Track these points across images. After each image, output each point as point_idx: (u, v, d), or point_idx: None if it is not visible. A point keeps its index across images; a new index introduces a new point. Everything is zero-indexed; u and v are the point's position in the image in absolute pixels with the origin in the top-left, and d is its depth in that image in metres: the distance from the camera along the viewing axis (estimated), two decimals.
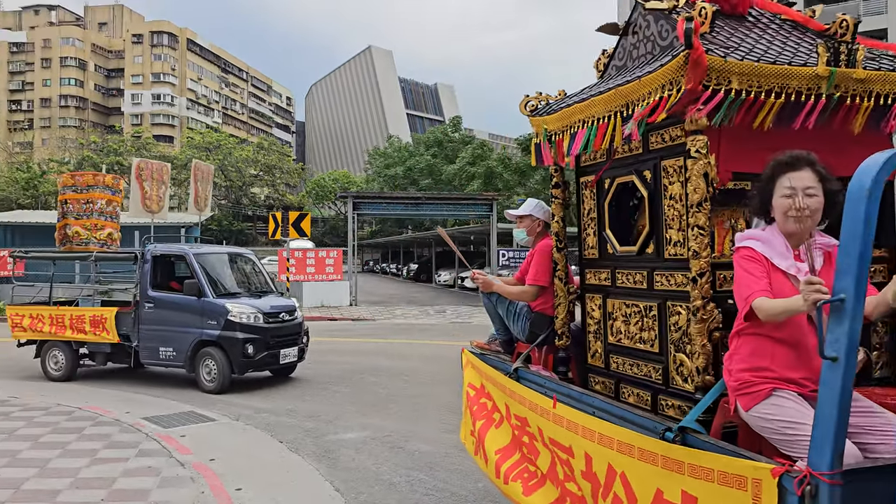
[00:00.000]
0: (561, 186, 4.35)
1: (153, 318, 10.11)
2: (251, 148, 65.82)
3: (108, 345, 10.43)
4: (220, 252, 11.29)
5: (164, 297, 10.15)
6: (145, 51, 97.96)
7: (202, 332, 9.68)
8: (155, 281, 10.31)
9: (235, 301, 9.90)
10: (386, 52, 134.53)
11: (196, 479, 5.86)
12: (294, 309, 10.60)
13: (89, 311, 10.57)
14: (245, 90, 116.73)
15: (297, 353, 10.35)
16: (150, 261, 10.32)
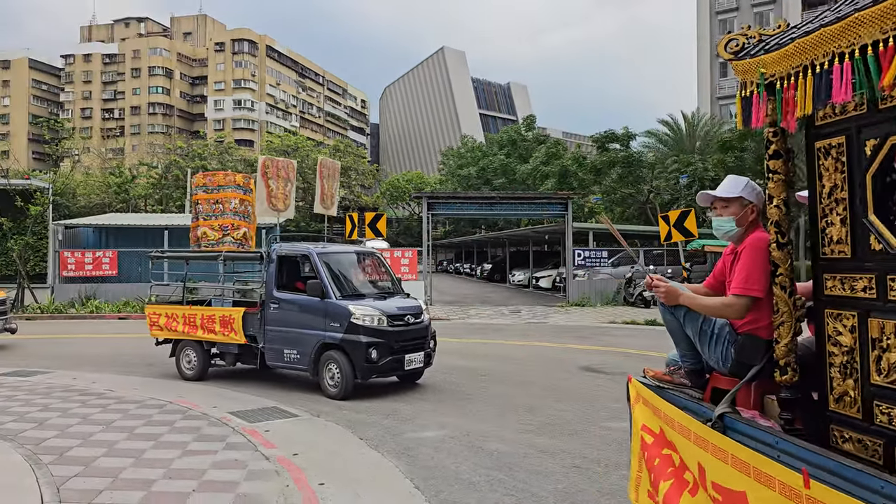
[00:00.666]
0: (782, 157, 3.16)
1: (278, 320, 9.86)
2: (327, 150, 67.19)
3: (236, 345, 10.30)
4: (346, 252, 10.87)
5: (289, 297, 9.87)
6: (227, 58, 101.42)
7: (325, 334, 9.33)
8: (280, 281, 10.07)
9: (359, 303, 9.45)
10: (459, 52, 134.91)
11: (281, 472, 6.02)
12: (420, 311, 9.98)
13: (219, 311, 10.44)
14: (321, 94, 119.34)
15: (424, 359, 9.78)
16: (275, 261, 10.09)
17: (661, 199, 35.66)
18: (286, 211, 11.88)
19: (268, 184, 11.43)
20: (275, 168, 11.62)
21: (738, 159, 29.17)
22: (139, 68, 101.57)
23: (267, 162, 11.58)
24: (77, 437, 7.03)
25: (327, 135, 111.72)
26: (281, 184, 11.74)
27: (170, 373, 11.22)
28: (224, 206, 11.09)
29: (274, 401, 9.06)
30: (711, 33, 51.81)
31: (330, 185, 13.25)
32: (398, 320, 9.50)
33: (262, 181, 11.04)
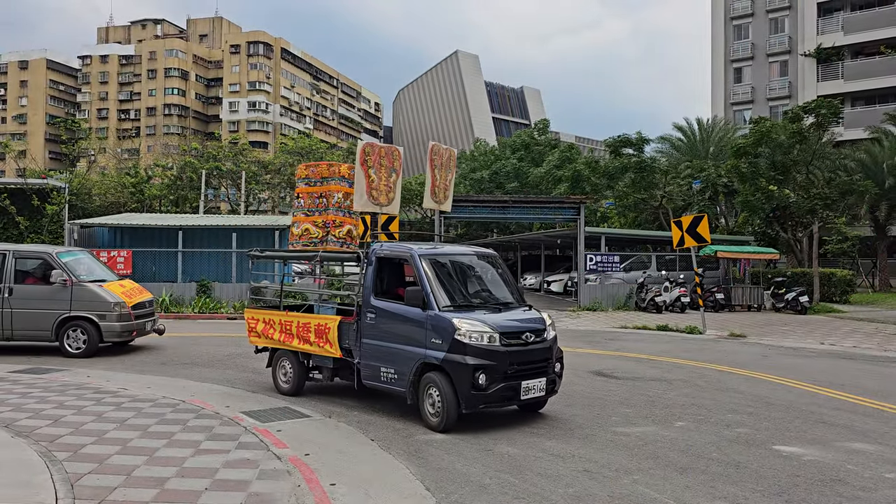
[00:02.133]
0: None
1: (375, 331, 8.53)
2: (341, 153, 67.39)
3: (331, 359, 9.21)
4: (457, 253, 9.24)
5: (387, 306, 8.49)
6: (242, 60, 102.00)
7: (426, 352, 7.86)
8: (379, 287, 8.78)
9: (466, 316, 7.92)
10: (472, 56, 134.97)
11: (292, 472, 6.05)
12: (543, 328, 8.31)
13: (315, 319, 9.31)
14: (335, 97, 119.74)
15: (546, 386, 8.08)
16: (373, 263, 8.78)
17: (673, 204, 35.50)
18: (390, 205, 10.06)
19: (368, 173, 9.69)
20: (377, 155, 9.91)
21: (752, 165, 28.98)
22: (155, 69, 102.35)
23: (367, 148, 9.79)
24: (91, 435, 7.10)
25: (341, 137, 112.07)
26: (384, 174, 9.90)
27: (182, 372, 11.31)
28: (328, 201, 10.02)
29: (286, 401, 9.11)
30: (726, 39, 51.55)
31: (444, 175, 11.11)
32: (514, 338, 7.89)
33: (360, 170, 9.55)
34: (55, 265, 12.94)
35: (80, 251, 14.90)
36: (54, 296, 12.81)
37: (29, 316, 12.83)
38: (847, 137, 40.29)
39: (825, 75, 45.16)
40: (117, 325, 12.85)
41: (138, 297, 13.65)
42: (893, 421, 8.53)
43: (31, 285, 13.04)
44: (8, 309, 12.87)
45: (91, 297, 12.87)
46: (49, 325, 12.76)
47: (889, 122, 37.70)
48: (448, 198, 11.37)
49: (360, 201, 9.58)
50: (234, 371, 11.46)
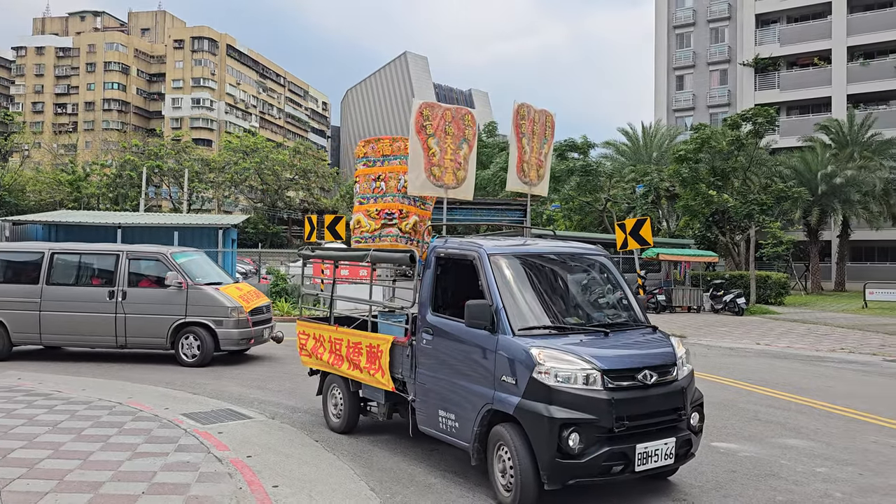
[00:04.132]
0: None
1: (432, 359, 6.28)
2: (287, 152, 66.59)
3: (382, 392, 7.06)
4: (544, 252, 6.68)
5: (446, 324, 6.20)
6: (186, 56, 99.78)
7: (493, 395, 5.50)
8: (441, 298, 6.58)
9: (551, 343, 5.46)
10: (421, 57, 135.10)
11: (234, 475, 5.93)
12: (671, 362, 5.65)
13: (367, 338, 7.25)
14: (282, 95, 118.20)
15: (676, 449, 5.48)
16: (432, 265, 6.57)
17: (618, 207, 36.21)
18: (460, 187, 7.73)
19: (427, 144, 7.40)
20: (440, 120, 7.49)
21: (693, 170, 29.79)
22: (94, 63, 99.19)
23: (425, 110, 7.48)
24: (21, 439, 6.82)
25: (287, 136, 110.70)
26: (450, 144, 7.55)
27: (121, 373, 10.97)
28: (387, 185, 7.96)
29: (228, 403, 8.93)
30: (669, 47, 52.84)
31: (536, 146, 8.31)
32: (626, 378, 5.36)
33: (417, 139, 7.32)
34: (170, 266, 11.94)
35: (194, 251, 13.81)
36: (169, 300, 11.82)
37: (143, 321, 11.83)
38: (782, 145, 41.74)
39: (762, 85, 46.69)
40: (235, 331, 11.89)
41: (256, 302, 12.62)
42: (825, 418, 8.86)
43: (145, 289, 12.01)
44: (122, 314, 11.84)
45: (207, 301, 11.89)
46: (164, 332, 11.80)
47: (821, 132, 39.26)
48: (543, 178, 8.54)
49: (415, 182, 7.30)
50: (175, 372, 11.18)
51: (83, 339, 12.10)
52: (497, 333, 5.61)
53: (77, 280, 12.25)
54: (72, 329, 11.93)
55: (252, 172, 57.66)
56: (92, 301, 11.88)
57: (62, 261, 12.31)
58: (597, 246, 7.33)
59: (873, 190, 35.32)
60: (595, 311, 6.42)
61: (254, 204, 63.97)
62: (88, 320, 11.85)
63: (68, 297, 11.93)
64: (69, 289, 12.03)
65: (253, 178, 58.74)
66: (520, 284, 6.08)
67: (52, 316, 11.90)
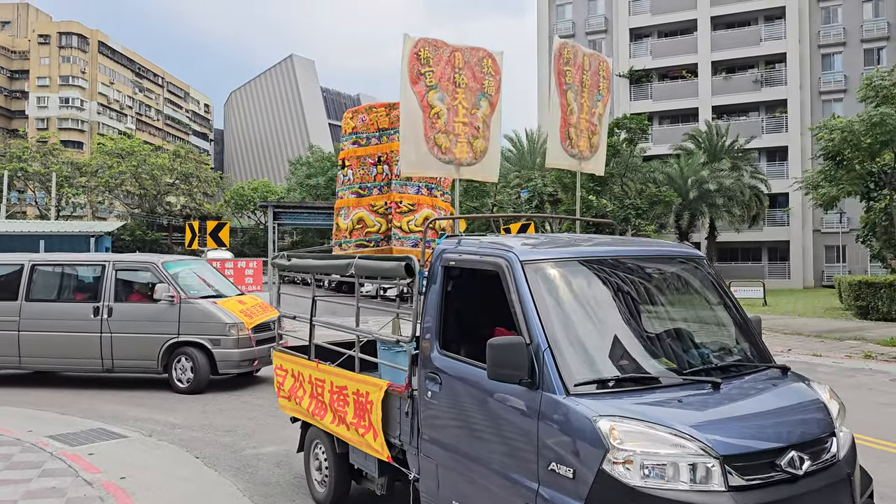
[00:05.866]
0: None
1: (440, 420, 4.33)
2: (167, 155, 63.80)
3: (374, 460, 5.04)
4: (608, 255, 4.42)
5: (462, 369, 4.19)
6: (53, 52, 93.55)
7: (538, 493, 3.50)
8: (452, 327, 4.51)
9: (631, 408, 3.44)
10: (308, 61, 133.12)
11: (105, 498, 5.63)
12: (829, 431, 3.69)
13: (354, 381, 5.21)
14: (161, 96, 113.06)
15: None
16: (439, 278, 4.49)
17: (504, 212, 37.13)
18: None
19: (426, 100, 5.43)
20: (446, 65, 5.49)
21: (573, 175, 30.98)
22: None
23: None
24: None
25: (167, 139, 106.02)
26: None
27: None
28: (391, 169, 6.19)
29: (101, 421, 8.45)
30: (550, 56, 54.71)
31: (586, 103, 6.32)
32: (761, 467, 3.33)
33: (411, 93, 5.38)
34: (160, 277, 10.44)
35: (191, 260, 12.33)
36: (160, 316, 10.28)
37: (131, 342, 10.30)
38: (655, 152, 44.14)
39: (637, 95, 49.24)
40: (234, 352, 10.26)
41: (261, 317, 10.92)
42: None
43: (134, 304, 10.53)
44: (107, 333, 10.35)
45: (202, 317, 10.33)
46: (155, 353, 10.24)
47: (689, 140, 41.99)
48: (598, 149, 6.48)
49: (410, 157, 5.40)
50: (42, 391, 10.43)
51: (66, 362, 10.79)
52: (540, 390, 3.51)
53: (59, 295, 10.93)
54: (53, 351, 10.54)
55: (128, 176, 54.89)
56: (75, 319, 10.46)
57: (43, 273, 10.95)
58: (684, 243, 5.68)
59: (737, 195, 38.01)
60: (694, 348, 4.14)
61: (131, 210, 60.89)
62: (71, 341, 10.42)
63: (49, 315, 10.55)
64: (50, 305, 10.68)
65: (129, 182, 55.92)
66: (575, 309, 3.96)
67: (32, 336, 10.51)
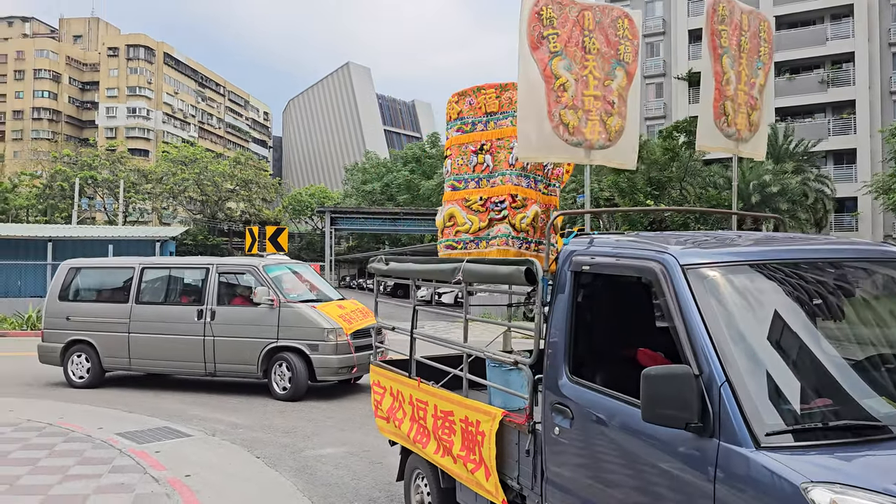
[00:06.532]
0: None
1: (571, 464, 3.44)
2: (227, 162, 65.48)
3: (487, 502, 4.17)
4: (795, 257, 3.33)
5: (601, 403, 3.24)
6: (121, 64, 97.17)
7: None
8: (589, 348, 3.72)
9: (853, 469, 2.40)
10: (364, 68, 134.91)
11: (171, 495, 5.77)
12: None
13: (462, 406, 4.36)
14: (222, 105, 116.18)
15: None
16: (568, 286, 3.62)
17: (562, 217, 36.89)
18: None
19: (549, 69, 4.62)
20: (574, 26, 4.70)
21: (630, 181, 30.54)
22: (23, 70, 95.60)
23: (545, 7, 4.63)
24: None
25: (227, 146, 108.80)
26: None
27: (50, 394, 10.54)
28: (494, 159, 5.34)
29: (166, 420, 8.68)
30: None
31: (745, 72, 5.25)
32: None
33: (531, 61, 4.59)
34: (260, 281, 10.36)
35: (293, 263, 12.36)
36: (260, 320, 10.17)
37: (233, 345, 10.25)
38: (715, 156, 43.18)
39: (696, 97, 48.25)
40: (333, 358, 9.91)
41: (360, 323, 10.55)
42: None
43: (235, 307, 10.51)
44: (210, 336, 10.37)
45: (300, 321, 10.08)
46: (254, 358, 10.11)
47: None
48: (758, 127, 5.44)
49: (530, 139, 4.57)
50: (112, 390, 10.81)
51: (171, 365, 10.86)
52: (716, 439, 2.63)
53: (165, 298, 11.08)
54: (160, 354, 10.68)
55: (191, 183, 56.48)
56: (179, 322, 10.59)
57: (151, 276, 11.18)
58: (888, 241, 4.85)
59: (803, 199, 36.84)
60: None
61: (193, 215, 62.60)
62: (177, 344, 10.54)
63: (156, 318, 10.75)
64: (157, 308, 10.88)
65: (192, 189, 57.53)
66: (758, 328, 3.00)
67: (141, 339, 10.72)
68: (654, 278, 3.10)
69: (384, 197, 51.57)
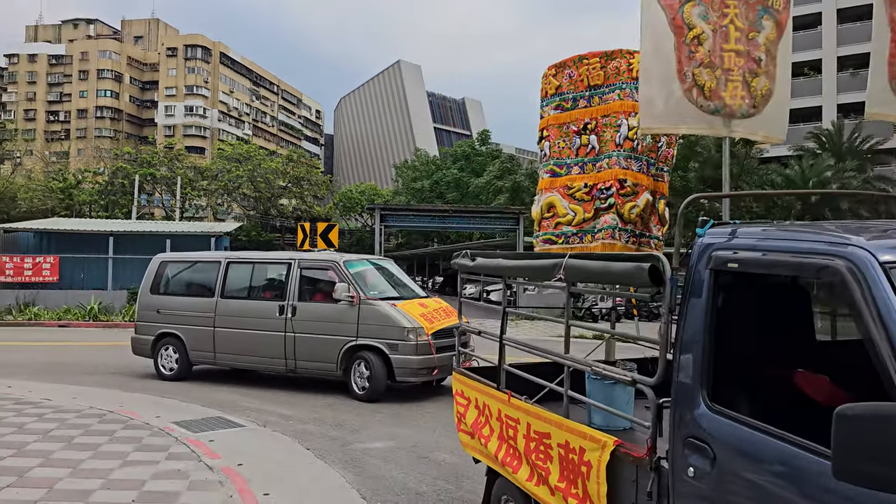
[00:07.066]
0: None
1: None
2: (280, 160, 66.57)
3: None
4: None
5: (759, 444, 2.45)
6: (179, 63, 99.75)
7: None
8: (732, 369, 2.81)
9: None
10: (415, 66, 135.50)
11: (224, 482, 5.92)
12: None
13: (562, 429, 3.65)
14: (275, 103, 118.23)
15: None
16: (706, 286, 2.85)
17: None
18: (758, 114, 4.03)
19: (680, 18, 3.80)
20: None
21: (683, 179, 29.98)
22: (87, 70, 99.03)
23: None
24: (11, 448, 6.78)
25: (280, 144, 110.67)
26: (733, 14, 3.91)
27: (112, 382, 10.91)
28: (600, 140, 4.68)
29: (219, 410, 8.91)
30: None
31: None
32: None
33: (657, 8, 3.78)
34: (341, 277, 10.14)
35: (376, 258, 12.05)
36: (339, 317, 9.96)
37: (313, 342, 10.11)
38: (773, 154, 42.01)
39: None
40: (413, 358, 9.54)
41: (442, 322, 10.18)
42: None
43: (316, 303, 10.32)
44: (290, 333, 10.26)
45: (380, 319, 9.80)
46: (334, 356, 9.92)
47: (811, 140, 39.57)
48: None
49: (656, 104, 3.83)
50: (166, 381, 11.14)
51: (253, 360, 10.76)
52: None
53: (249, 293, 11.04)
54: (242, 348, 10.69)
55: (245, 180, 57.63)
56: (261, 317, 10.53)
57: (236, 271, 11.20)
58: None
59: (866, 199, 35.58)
60: None
61: (247, 212, 63.86)
62: (258, 339, 10.51)
63: (239, 312, 10.78)
64: (241, 303, 10.88)
65: (246, 185, 58.69)
66: None
67: (224, 333, 10.80)
68: (835, 279, 2.35)
69: (433, 194, 51.74)
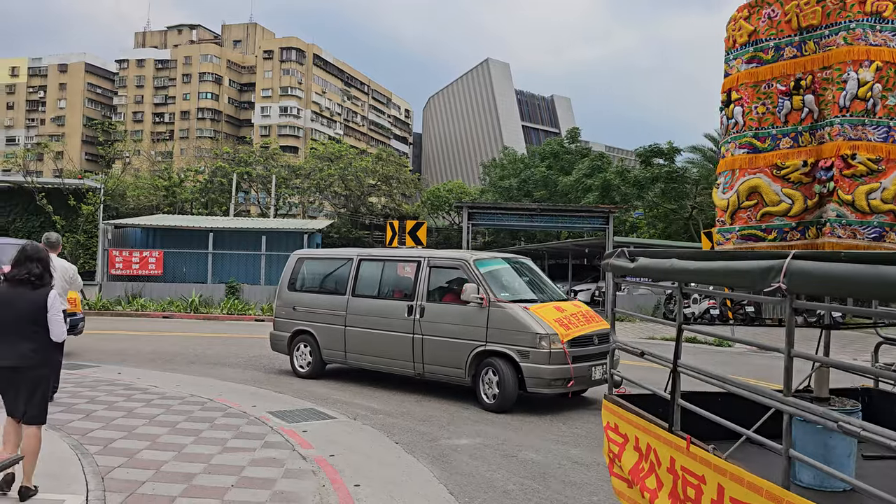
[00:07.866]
0: None
1: None
2: (370, 159, 67.80)
3: None
4: None
5: None
6: (275, 66, 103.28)
7: None
8: None
9: None
10: (503, 64, 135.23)
11: (317, 472, 6.10)
12: None
13: (777, 500, 2.63)
14: (366, 103, 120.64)
15: None
16: None
17: (704, 215, 35.15)
18: None
19: None
20: None
21: None
22: (190, 74, 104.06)
23: None
24: (121, 430, 7.22)
25: (370, 143, 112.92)
26: None
27: (210, 372, 11.42)
28: (820, 101, 3.56)
29: (312, 403, 9.18)
30: None
31: None
32: None
33: None
34: (470, 276, 9.38)
35: (512, 257, 11.00)
36: (468, 320, 9.21)
37: (440, 346, 9.44)
38: None
39: None
40: (546, 368, 8.60)
41: (581, 328, 9.13)
42: None
43: (445, 304, 9.62)
44: (419, 335, 9.64)
45: (509, 323, 8.91)
46: (462, 361, 9.19)
47: None
48: None
49: None
50: (261, 372, 11.57)
51: (382, 361, 10.23)
52: None
53: (378, 292, 10.51)
54: (372, 349, 10.25)
55: (336, 178, 59.02)
56: (390, 317, 10.01)
57: (367, 268, 10.75)
58: None
59: None
60: None
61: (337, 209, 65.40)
62: (386, 340, 10.01)
63: (369, 311, 10.33)
64: (371, 301, 10.39)
65: (337, 184, 60.09)
66: None
67: (354, 332, 10.42)
68: None
69: (521, 193, 51.50)
